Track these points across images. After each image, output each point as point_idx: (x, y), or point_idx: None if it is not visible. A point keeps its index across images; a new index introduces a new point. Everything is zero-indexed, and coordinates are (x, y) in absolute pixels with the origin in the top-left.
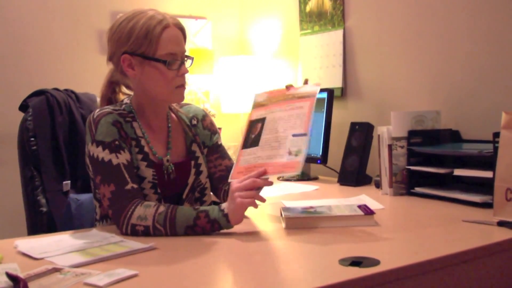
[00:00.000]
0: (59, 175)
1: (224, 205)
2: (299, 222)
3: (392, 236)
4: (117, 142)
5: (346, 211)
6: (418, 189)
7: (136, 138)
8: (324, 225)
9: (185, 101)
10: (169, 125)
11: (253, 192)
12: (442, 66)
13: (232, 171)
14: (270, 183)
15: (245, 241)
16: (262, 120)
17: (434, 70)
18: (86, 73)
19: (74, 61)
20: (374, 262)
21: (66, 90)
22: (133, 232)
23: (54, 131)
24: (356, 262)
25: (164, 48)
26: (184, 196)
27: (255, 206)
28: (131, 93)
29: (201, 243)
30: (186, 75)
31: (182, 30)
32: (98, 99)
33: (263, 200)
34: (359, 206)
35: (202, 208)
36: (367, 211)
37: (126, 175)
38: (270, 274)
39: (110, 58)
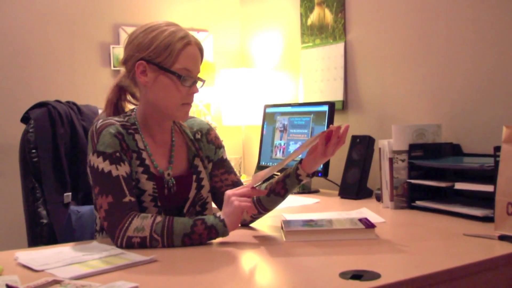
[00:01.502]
0: (60, 187)
1: (219, 213)
2: (300, 235)
3: (393, 250)
4: (118, 154)
5: (347, 224)
6: (419, 203)
7: (138, 150)
8: (324, 238)
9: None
10: (173, 139)
11: (250, 198)
12: (443, 80)
13: None
14: (264, 193)
15: (245, 254)
16: None
17: (435, 84)
18: (88, 85)
19: (76, 74)
20: (375, 276)
21: (68, 102)
22: (129, 244)
23: (56, 143)
24: (357, 275)
25: (182, 63)
26: (185, 210)
27: (253, 209)
28: (136, 103)
29: (201, 255)
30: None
31: (201, 51)
32: (100, 111)
33: (254, 210)
34: (360, 220)
35: (199, 216)
36: (368, 225)
37: (125, 188)
38: (271, 287)
39: (125, 62)
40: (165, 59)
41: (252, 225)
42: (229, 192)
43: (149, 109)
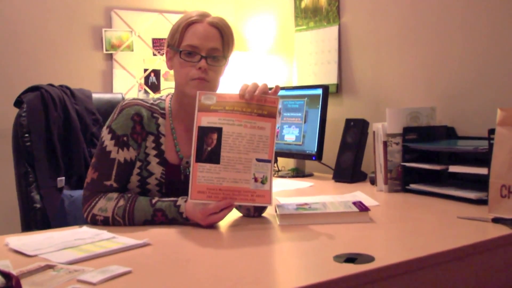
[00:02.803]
0: (53, 171)
1: (182, 208)
2: (294, 219)
3: (387, 233)
4: (125, 138)
5: (340, 208)
6: (413, 186)
7: (157, 134)
8: (318, 222)
9: None
10: None
11: (220, 215)
12: (438, 63)
13: (190, 189)
14: (235, 206)
15: (239, 238)
16: (218, 131)
17: (430, 67)
18: (81, 69)
19: (69, 57)
20: (369, 259)
21: (61, 86)
22: (93, 221)
23: (49, 127)
24: (351, 258)
25: (187, 40)
26: None
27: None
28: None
29: (194, 239)
30: (213, 72)
31: (218, 28)
32: (94, 95)
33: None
34: (354, 203)
35: (159, 205)
36: (362, 208)
37: (114, 172)
38: (264, 270)
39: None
40: (175, 40)
41: None
42: (205, 209)
43: (178, 94)
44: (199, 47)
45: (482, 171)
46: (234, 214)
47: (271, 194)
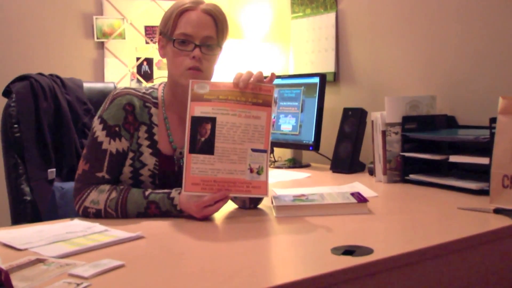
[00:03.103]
0: (43, 163)
1: (176, 200)
2: (290, 211)
3: (386, 224)
4: (117, 129)
5: (338, 199)
6: (412, 176)
7: (150, 124)
8: (316, 214)
9: None
10: None
11: (215, 207)
12: (438, 50)
13: (184, 181)
14: (230, 198)
15: (234, 230)
16: (212, 121)
17: (429, 54)
18: (72, 57)
19: (59, 46)
20: (367, 251)
21: (51, 75)
22: (85, 213)
23: (39, 117)
24: (349, 251)
25: (180, 28)
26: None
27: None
28: None
29: (189, 232)
30: (207, 61)
31: (212, 15)
32: (85, 84)
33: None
34: (352, 194)
35: (152, 197)
36: (360, 199)
37: (106, 163)
38: (261, 263)
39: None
40: (168, 28)
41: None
42: (199, 201)
43: (171, 83)
44: (193, 36)
45: (483, 161)
46: (230, 206)
47: (267, 185)
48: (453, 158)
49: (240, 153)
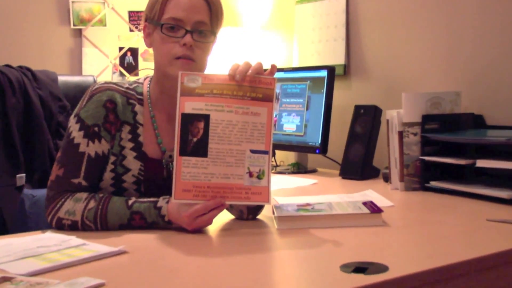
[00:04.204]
0: (11, 167)
1: (164, 210)
2: (294, 222)
3: (403, 238)
4: (96, 129)
5: (349, 209)
6: (433, 183)
7: (133, 124)
8: (323, 226)
9: None
10: None
11: (209, 216)
12: (463, 40)
13: (174, 187)
14: (226, 206)
15: (230, 245)
16: (205, 118)
17: (454, 44)
18: (44, 47)
19: (29, 34)
20: (382, 268)
21: (20, 67)
22: (59, 225)
23: (6, 115)
24: (361, 268)
25: (168, 12)
26: None
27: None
28: None
29: (178, 245)
30: (199, 50)
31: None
32: (60, 78)
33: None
34: (365, 203)
35: (136, 206)
36: (374, 209)
37: (83, 168)
38: (260, 282)
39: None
40: (155, 13)
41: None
42: (191, 211)
43: (158, 76)
44: (184, 20)
45: None
46: (225, 217)
47: (270, 191)
48: (481, 163)
49: (238, 155)
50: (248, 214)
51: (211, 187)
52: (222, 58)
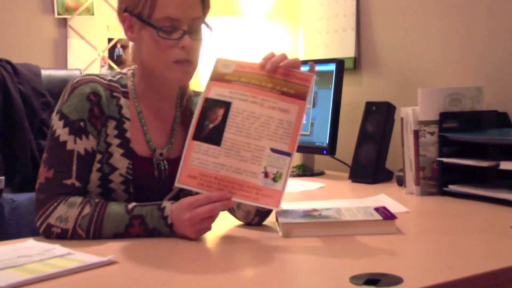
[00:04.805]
0: None
1: (168, 210)
2: (300, 229)
3: (419, 247)
4: (82, 124)
5: (359, 215)
6: (452, 187)
7: (119, 118)
8: (331, 233)
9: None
10: (177, 113)
11: (211, 219)
12: (486, 30)
13: (180, 171)
14: (233, 204)
15: (231, 252)
16: (226, 105)
17: (475, 35)
18: (26, 38)
19: (9, 24)
20: (396, 280)
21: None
22: (47, 233)
23: None
24: (373, 280)
25: (161, 10)
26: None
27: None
28: None
29: (173, 255)
30: (197, 49)
31: None
32: (43, 72)
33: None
34: (377, 209)
35: (137, 211)
36: (387, 216)
37: (74, 167)
38: None
39: (118, 15)
40: (144, 8)
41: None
42: (187, 209)
43: (144, 72)
44: (180, 20)
45: None
46: (225, 221)
47: (282, 197)
48: (505, 165)
49: (255, 151)
50: (255, 216)
51: (218, 178)
52: (219, 52)
